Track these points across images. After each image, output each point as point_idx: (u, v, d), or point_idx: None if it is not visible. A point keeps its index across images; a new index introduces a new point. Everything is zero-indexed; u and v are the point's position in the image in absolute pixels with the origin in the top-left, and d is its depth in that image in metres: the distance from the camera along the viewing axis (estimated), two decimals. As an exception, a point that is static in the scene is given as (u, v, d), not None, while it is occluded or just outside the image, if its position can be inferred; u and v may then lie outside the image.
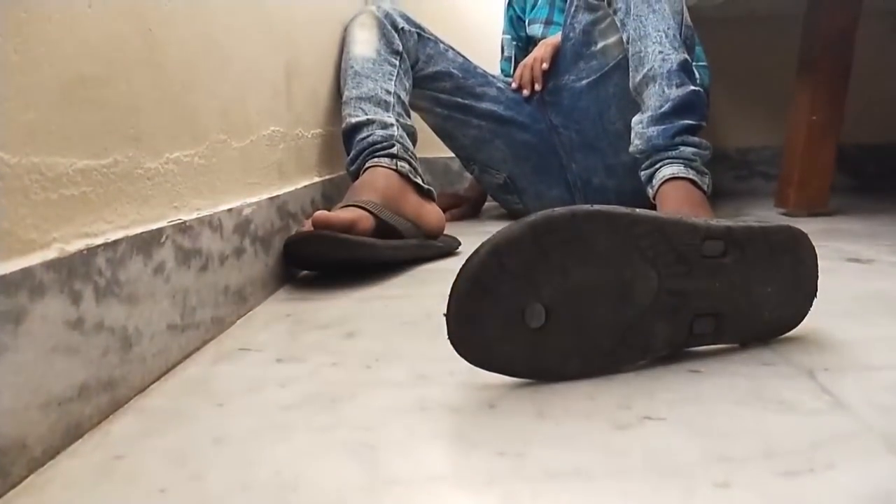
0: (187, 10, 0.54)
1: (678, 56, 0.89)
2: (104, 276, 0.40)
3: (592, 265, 0.42)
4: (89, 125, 0.40)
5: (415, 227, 0.83)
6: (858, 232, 0.96)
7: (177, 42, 0.52)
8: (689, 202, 0.86)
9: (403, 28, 1.07)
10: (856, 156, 1.43)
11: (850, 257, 0.78)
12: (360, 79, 0.98)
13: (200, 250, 0.53)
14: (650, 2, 0.91)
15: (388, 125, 0.92)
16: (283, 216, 0.74)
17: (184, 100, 0.53)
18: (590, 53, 1.07)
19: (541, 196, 1.18)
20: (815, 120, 1.07)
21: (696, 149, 0.90)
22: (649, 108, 0.91)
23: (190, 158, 0.53)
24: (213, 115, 0.58)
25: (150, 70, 0.48)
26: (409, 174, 0.88)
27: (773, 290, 0.47)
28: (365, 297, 0.67)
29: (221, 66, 0.61)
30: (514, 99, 1.16)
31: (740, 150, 1.49)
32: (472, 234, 1.07)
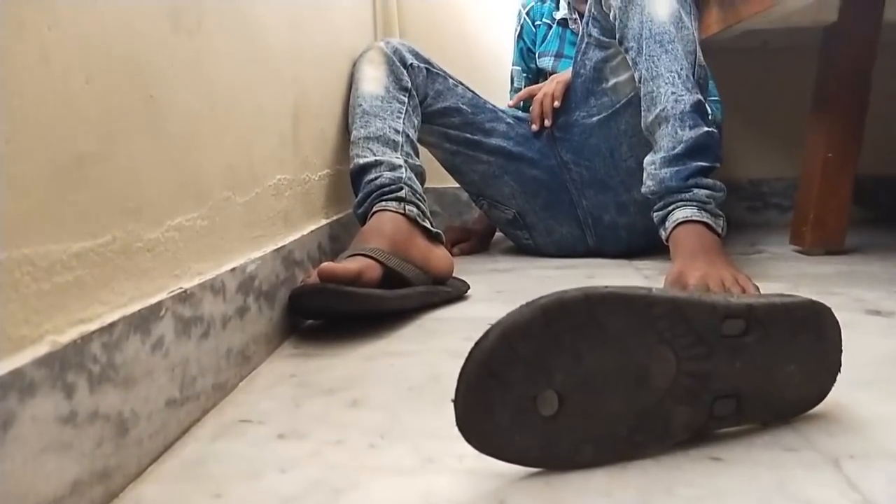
0: (190, 70, 0.53)
1: (691, 97, 0.88)
2: (99, 362, 0.38)
3: (607, 349, 0.40)
4: (86, 205, 0.39)
5: (423, 273, 0.81)
6: (877, 275, 0.93)
7: (179, 104, 0.51)
8: (703, 247, 0.84)
9: (412, 64, 1.06)
10: (872, 187, 1.41)
11: (870, 308, 0.76)
12: (368, 118, 0.97)
13: (202, 317, 0.51)
14: (663, 42, 0.89)
15: (397, 166, 0.91)
16: (288, 266, 0.73)
17: (186, 162, 0.52)
18: (601, 90, 1.06)
19: (550, 232, 1.17)
20: (830, 157, 1.05)
21: (710, 191, 0.88)
22: (662, 148, 0.90)
23: (192, 222, 0.52)
24: (216, 172, 0.57)
25: (152, 138, 0.46)
26: (418, 218, 0.86)
27: (795, 368, 0.45)
28: (371, 354, 0.65)
29: (226, 121, 0.60)
30: (523, 135, 1.15)
31: (754, 181, 1.46)
32: (480, 273, 1.05)
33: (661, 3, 0.90)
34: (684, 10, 0.91)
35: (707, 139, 0.88)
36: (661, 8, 0.90)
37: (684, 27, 0.90)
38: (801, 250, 1.11)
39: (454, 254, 1.23)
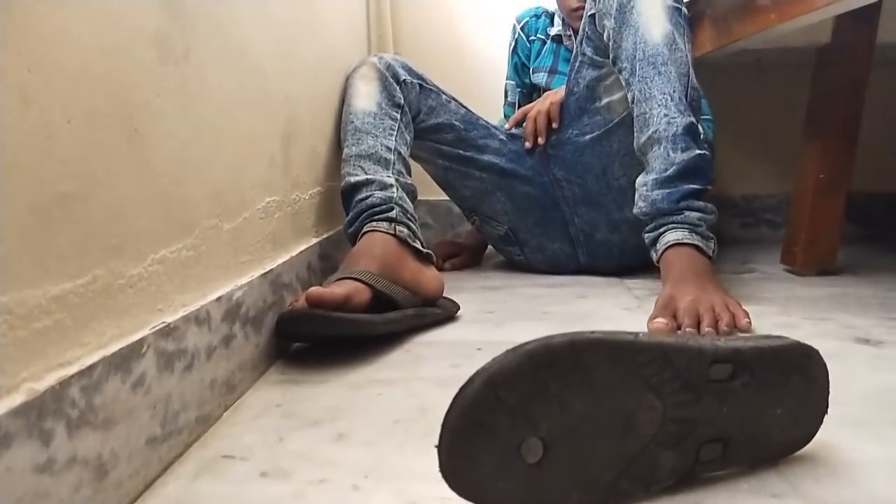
0: (177, 100, 0.52)
1: (684, 119, 0.88)
2: (77, 406, 0.38)
3: (593, 396, 0.40)
4: (67, 246, 0.38)
5: (412, 295, 0.81)
6: (867, 299, 0.93)
7: (166, 135, 0.50)
8: (693, 271, 0.84)
9: (405, 80, 1.05)
10: (865, 204, 1.41)
11: (860, 337, 0.76)
12: (360, 135, 0.97)
13: (185, 350, 0.51)
14: (656, 64, 0.89)
15: (388, 186, 0.91)
16: (276, 289, 0.72)
17: (172, 193, 0.51)
18: (594, 109, 1.05)
19: (542, 249, 1.16)
20: (822, 178, 1.05)
21: (702, 213, 0.88)
22: (654, 170, 0.90)
23: (177, 253, 0.51)
24: (204, 201, 0.57)
25: (136, 172, 0.46)
26: (408, 239, 0.86)
27: (783, 411, 0.45)
28: (357, 382, 0.64)
29: (215, 148, 0.59)
30: (516, 151, 1.15)
31: (746, 197, 1.47)
32: (471, 291, 1.05)
33: (655, 25, 0.90)
34: (678, 31, 0.90)
35: (699, 162, 0.88)
36: (655, 30, 0.90)
37: (678, 49, 0.90)
38: (793, 270, 1.11)
39: (445, 269, 1.23)
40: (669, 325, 0.77)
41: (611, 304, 0.94)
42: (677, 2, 0.92)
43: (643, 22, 0.90)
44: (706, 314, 0.77)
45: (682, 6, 0.93)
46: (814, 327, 0.80)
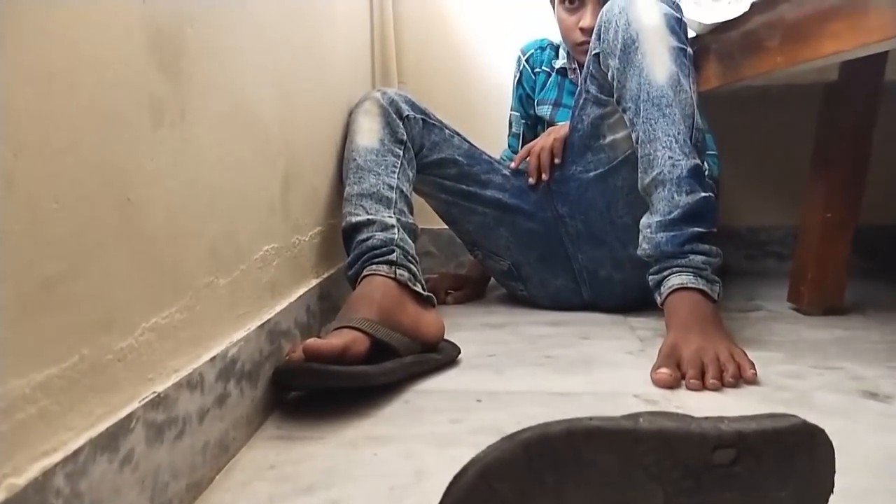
0: (172, 162, 0.51)
1: (688, 162, 0.87)
2: (62, 495, 0.37)
3: (591, 486, 0.39)
4: (53, 330, 0.38)
5: (412, 342, 0.80)
6: (876, 343, 0.92)
7: (160, 201, 0.49)
8: (698, 317, 0.83)
9: (408, 115, 1.05)
10: (872, 237, 1.40)
11: (867, 390, 0.74)
12: (362, 173, 0.96)
13: (176, 418, 0.50)
14: (660, 105, 0.88)
15: (389, 226, 0.90)
16: (273, 339, 0.71)
17: (166, 257, 0.50)
18: (598, 146, 1.05)
19: (545, 285, 1.15)
20: (829, 217, 1.04)
21: (706, 256, 0.87)
22: (658, 212, 0.89)
23: (170, 317, 0.51)
24: (199, 259, 0.56)
25: (128, 243, 0.45)
26: (408, 282, 0.85)
27: (787, 494, 0.44)
28: (354, 440, 0.63)
29: (211, 205, 0.58)
30: (519, 187, 1.14)
31: (752, 229, 1.45)
32: (472, 328, 1.04)
33: (660, 67, 0.89)
34: (682, 72, 0.90)
35: (703, 205, 0.87)
36: (660, 71, 0.89)
37: (682, 91, 0.89)
38: (799, 309, 1.10)
39: (448, 302, 1.22)
40: (673, 376, 0.76)
41: (614, 346, 0.93)
42: (682, 42, 0.91)
43: (648, 63, 0.89)
44: (711, 365, 0.76)
45: (686, 47, 0.92)
46: (820, 378, 0.78)
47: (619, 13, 0.92)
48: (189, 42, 0.54)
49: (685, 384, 0.75)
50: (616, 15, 0.93)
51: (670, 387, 0.75)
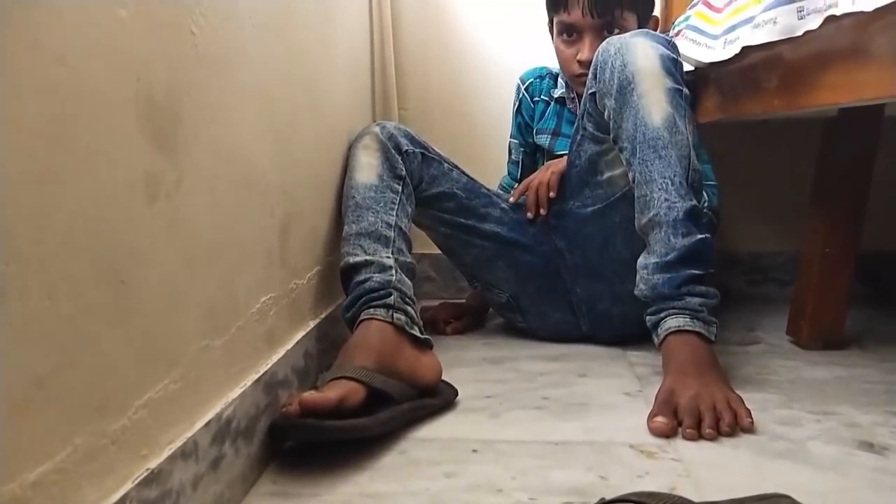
0: (168, 234, 0.52)
1: (684, 204, 0.87)
2: (53, 591, 0.37)
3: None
4: (46, 427, 0.38)
5: (408, 388, 0.80)
6: (874, 384, 0.92)
7: (154, 275, 0.50)
8: (695, 362, 0.84)
9: (407, 150, 1.06)
10: (875, 263, 1.39)
11: (863, 440, 0.74)
12: (360, 211, 0.97)
13: (170, 491, 0.50)
14: (656, 147, 0.89)
15: (386, 268, 0.90)
16: (270, 391, 0.72)
17: (160, 330, 0.51)
18: (595, 182, 1.05)
19: (544, 317, 1.16)
20: (828, 252, 1.04)
21: (703, 298, 0.87)
22: (655, 253, 0.89)
23: (164, 389, 0.51)
24: (194, 325, 0.56)
25: (122, 326, 0.46)
26: (406, 326, 0.85)
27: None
28: (349, 498, 0.64)
29: (207, 267, 0.59)
30: (517, 220, 1.14)
31: (753, 254, 1.45)
32: (471, 364, 1.04)
33: (656, 108, 0.89)
34: (678, 113, 0.90)
35: (700, 247, 0.87)
36: (656, 113, 0.89)
37: (678, 132, 0.89)
38: (798, 343, 1.10)
39: (448, 333, 1.22)
40: (669, 425, 0.76)
41: (612, 385, 0.93)
42: (678, 83, 0.91)
43: (643, 104, 0.90)
44: (707, 413, 0.76)
45: (682, 87, 0.92)
46: (817, 426, 0.78)
47: (615, 54, 0.92)
48: (185, 110, 0.55)
49: (681, 433, 0.75)
50: (612, 56, 0.93)
51: (666, 436, 0.75)
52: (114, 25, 0.45)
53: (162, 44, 0.51)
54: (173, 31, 0.53)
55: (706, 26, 1.01)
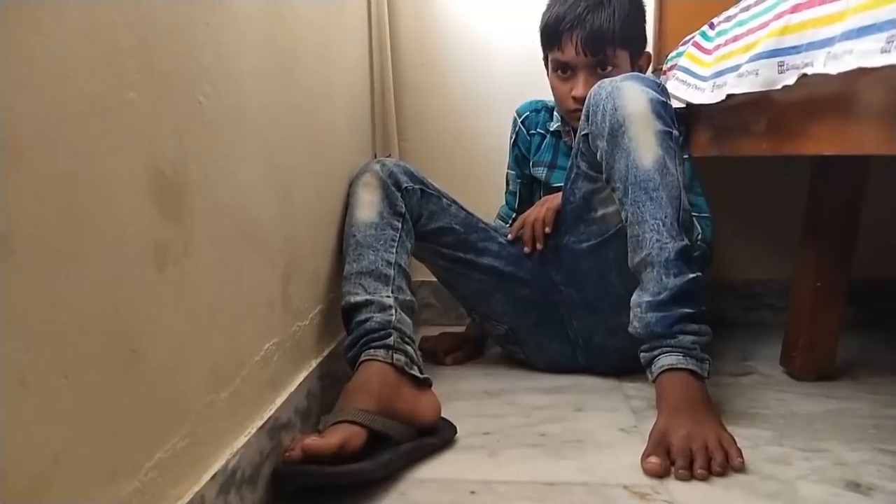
0: (175, 297, 0.54)
1: (675, 244, 0.90)
2: None
3: None
4: (62, 500, 0.40)
5: (408, 428, 0.82)
6: (864, 418, 0.94)
7: (162, 341, 0.52)
8: (688, 400, 0.86)
9: (407, 187, 1.08)
10: (868, 290, 1.42)
11: (850, 480, 0.76)
12: (361, 250, 0.99)
13: (179, 547, 0.52)
14: (647, 189, 0.91)
15: (387, 307, 0.93)
16: (273, 435, 0.74)
17: (168, 392, 0.53)
18: (590, 219, 1.07)
19: (542, 349, 1.18)
20: (820, 286, 1.06)
21: (696, 336, 0.90)
22: (648, 291, 0.91)
23: (172, 448, 0.53)
24: (200, 382, 0.59)
25: (132, 393, 0.48)
26: (405, 367, 0.87)
27: None
28: (350, 543, 0.66)
29: (211, 325, 0.61)
30: (515, 254, 1.17)
31: (747, 282, 1.47)
32: (469, 397, 1.06)
33: (646, 151, 0.92)
34: (669, 156, 0.92)
35: (691, 286, 0.90)
36: (646, 155, 0.92)
37: (668, 174, 0.91)
38: (791, 374, 1.12)
39: (447, 363, 1.24)
40: (663, 466, 0.78)
41: (607, 421, 0.95)
42: (668, 126, 0.94)
43: (634, 147, 0.92)
44: (699, 454, 0.78)
45: (672, 129, 0.94)
46: (806, 464, 0.80)
47: (607, 97, 0.95)
48: (192, 177, 0.57)
49: (674, 473, 0.77)
50: (603, 99, 0.95)
51: (660, 476, 0.77)
52: (125, 109, 0.47)
53: (171, 117, 0.54)
54: (181, 103, 0.56)
55: (696, 67, 1.04)
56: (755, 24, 0.84)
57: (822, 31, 0.66)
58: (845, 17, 0.61)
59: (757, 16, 0.85)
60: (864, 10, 0.58)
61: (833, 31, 0.63)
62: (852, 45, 0.59)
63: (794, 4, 0.73)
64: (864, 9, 0.58)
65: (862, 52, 0.58)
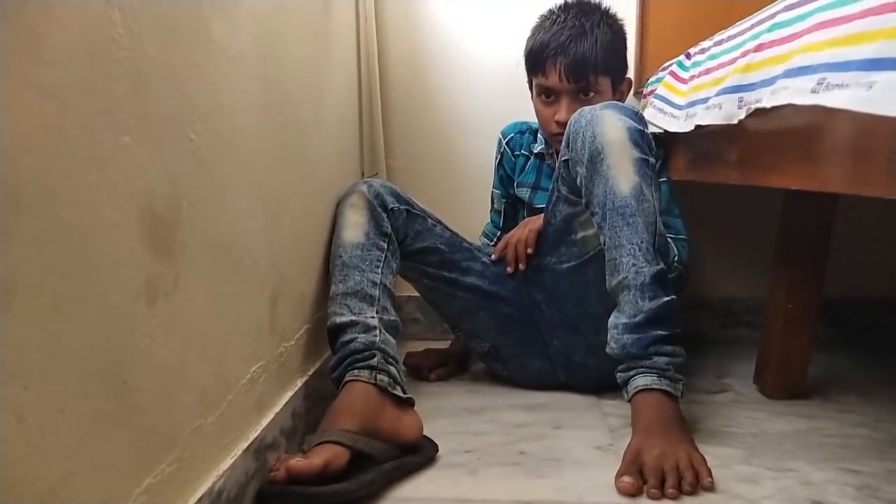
0: (165, 330, 0.57)
1: (650, 269, 0.93)
2: None
3: None
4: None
5: (390, 448, 0.85)
6: (831, 437, 0.97)
7: (153, 372, 0.55)
8: (661, 420, 0.89)
9: (393, 208, 1.11)
10: (843, 308, 1.46)
11: (815, 499, 0.79)
12: (347, 271, 1.02)
13: (167, 569, 0.55)
14: (624, 215, 0.94)
15: (371, 328, 0.95)
16: (259, 456, 0.76)
17: (158, 420, 0.55)
18: (570, 241, 1.10)
19: (524, 366, 1.21)
20: (791, 308, 1.10)
21: (670, 357, 0.93)
22: (624, 313, 0.94)
23: (160, 474, 0.56)
24: (189, 409, 0.61)
25: (124, 425, 0.50)
26: (388, 387, 0.90)
27: None
28: (332, 562, 0.68)
29: (202, 353, 0.64)
30: (498, 274, 1.20)
31: (725, 300, 1.51)
32: (452, 415, 1.09)
33: (624, 178, 0.95)
34: (645, 182, 0.96)
35: (666, 309, 0.93)
36: (624, 182, 0.95)
37: (645, 200, 0.95)
38: (764, 392, 1.15)
39: (431, 379, 1.27)
40: (635, 485, 0.81)
41: (585, 439, 0.98)
42: (644, 154, 0.97)
43: (612, 174, 0.95)
44: (670, 474, 0.81)
45: (649, 157, 0.98)
46: (773, 483, 0.83)
47: (586, 125, 0.98)
48: (183, 213, 0.60)
49: (646, 493, 0.80)
50: (583, 127, 0.99)
51: (632, 495, 0.80)
52: (120, 153, 0.50)
53: (163, 157, 0.56)
54: (173, 142, 0.58)
55: (672, 96, 1.07)
56: (725, 59, 0.88)
57: (773, 69, 0.70)
58: (791, 57, 0.65)
59: (727, 51, 0.88)
60: (805, 52, 0.62)
61: (780, 70, 0.67)
62: (789, 82, 0.64)
63: (758, 44, 0.76)
64: (805, 51, 0.62)
65: (795, 90, 0.62)
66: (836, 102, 0.56)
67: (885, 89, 0.49)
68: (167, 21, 0.57)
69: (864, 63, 0.53)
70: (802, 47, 0.63)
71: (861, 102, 0.52)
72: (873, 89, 0.50)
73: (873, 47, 0.52)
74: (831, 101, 0.57)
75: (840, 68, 0.56)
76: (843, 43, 0.57)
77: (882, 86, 0.49)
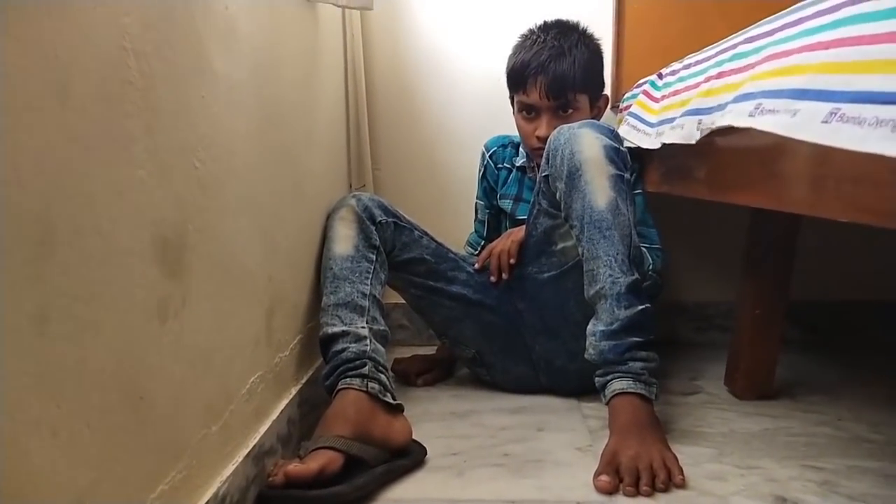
0: (176, 346, 0.61)
1: (626, 279, 0.99)
2: None
3: None
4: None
5: (382, 452, 0.90)
6: (796, 436, 1.04)
7: (166, 386, 0.59)
8: (636, 422, 0.95)
9: (381, 221, 1.16)
10: (812, 311, 1.53)
11: (779, 495, 0.85)
12: (338, 282, 1.06)
13: (179, 568, 0.59)
14: (601, 228, 1.00)
15: (362, 338, 1.00)
16: (258, 461, 0.81)
17: (170, 432, 0.60)
18: (550, 251, 1.16)
19: (507, 371, 1.26)
20: (758, 314, 1.16)
21: (645, 362, 0.99)
22: (601, 321, 1.00)
23: (171, 481, 0.60)
24: (196, 419, 0.65)
25: (142, 437, 0.55)
26: (379, 394, 0.95)
27: None
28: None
29: (207, 366, 0.68)
30: (482, 283, 1.25)
31: (699, 304, 1.58)
32: (438, 418, 1.14)
33: (600, 193, 1.01)
34: (620, 197, 1.01)
35: (641, 317, 0.99)
36: (600, 197, 1.00)
37: (620, 214, 1.00)
38: (734, 393, 1.22)
39: (418, 384, 1.32)
40: (612, 483, 0.86)
41: (566, 440, 1.04)
42: (620, 170, 1.03)
43: (590, 190, 1.01)
44: (645, 472, 0.87)
45: (624, 173, 1.03)
46: (741, 480, 0.89)
47: (565, 143, 1.04)
48: (190, 237, 0.64)
49: (622, 490, 0.86)
50: (562, 144, 1.04)
51: (609, 493, 0.86)
52: (135, 187, 0.54)
53: (172, 187, 0.61)
54: (181, 172, 0.63)
55: (645, 114, 1.13)
56: (692, 82, 0.94)
57: (727, 95, 0.76)
58: (743, 84, 0.71)
59: (694, 75, 0.94)
60: (753, 80, 0.68)
61: (731, 97, 0.74)
62: (735, 106, 0.70)
63: (719, 71, 0.83)
64: (754, 80, 0.68)
65: (737, 113, 0.69)
66: (766, 126, 0.62)
67: (806, 117, 0.55)
68: (174, 59, 0.61)
69: (793, 92, 0.59)
70: (752, 76, 0.69)
71: (784, 127, 0.58)
72: (797, 116, 0.57)
73: (803, 79, 0.58)
74: (763, 124, 0.63)
75: (774, 95, 0.63)
76: (781, 73, 0.63)
77: (804, 113, 0.56)
